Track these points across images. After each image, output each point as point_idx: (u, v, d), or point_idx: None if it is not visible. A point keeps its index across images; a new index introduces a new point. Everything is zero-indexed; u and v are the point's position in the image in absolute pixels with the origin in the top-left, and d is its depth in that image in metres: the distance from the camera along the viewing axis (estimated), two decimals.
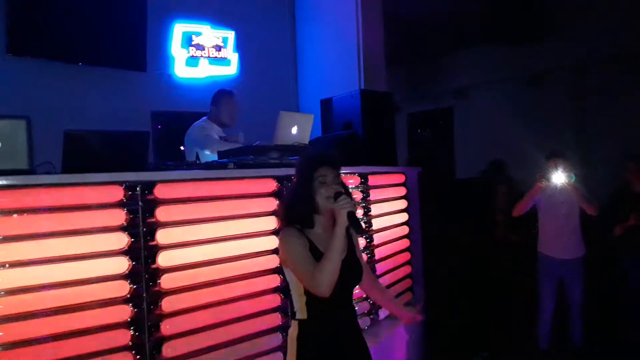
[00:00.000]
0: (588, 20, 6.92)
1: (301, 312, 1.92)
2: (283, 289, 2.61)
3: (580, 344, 3.98)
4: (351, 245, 2.00)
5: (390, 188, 3.69)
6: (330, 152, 2.04)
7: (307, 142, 3.26)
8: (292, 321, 1.96)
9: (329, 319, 1.91)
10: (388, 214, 3.58)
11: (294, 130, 3.09)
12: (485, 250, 5.36)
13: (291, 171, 2.71)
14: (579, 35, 7.05)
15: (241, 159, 2.74)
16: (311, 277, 1.81)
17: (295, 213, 1.94)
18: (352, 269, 1.97)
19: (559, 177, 3.80)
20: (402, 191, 3.83)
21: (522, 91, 7.89)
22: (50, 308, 1.93)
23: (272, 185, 2.64)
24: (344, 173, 2.60)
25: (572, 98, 7.32)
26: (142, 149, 2.31)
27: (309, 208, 1.92)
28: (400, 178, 3.83)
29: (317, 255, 1.86)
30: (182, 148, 3.63)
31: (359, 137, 3.84)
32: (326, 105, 4.56)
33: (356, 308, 2.16)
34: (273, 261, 2.60)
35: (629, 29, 6.47)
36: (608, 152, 6.35)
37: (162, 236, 2.19)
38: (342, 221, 1.82)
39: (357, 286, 2.10)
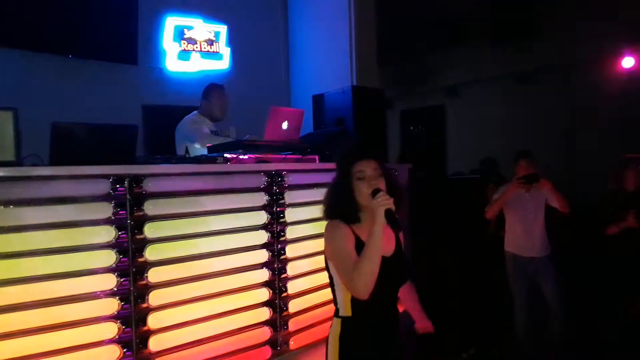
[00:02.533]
0: (579, 19, 6.97)
1: (345, 309, 1.84)
2: (271, 284, 2.62)
3: (559, 341, 4.02)
4: (398, 244, 1.92)
5: None
6: (367, 144, 1.95)
7: (297, 138, 3.26)
8: (335, 319, 1.87)
9: (374, 318, 1.83)
10: None
11: (285, 125, 3.09)
12: (476, 247, 5.39)
13: (281, 166, 2.73)
14: (569, 34, 7.10)
15: (231, 153, 2.73)
16: (349, 277, 1.73)
17: (337, 210, 1.86)
18: (399, 268, 1.88)
19: (529, 178, 3.81)
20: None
21: (513, 89, 7.94)
22: (36, 301, 1.93)
23: (262, 180, 2.63)
24: (328, 170, 2.52)
25: (563, 96, 7.37)
26: (130, 142, 2.30)
27: (350, 205, 1.83)
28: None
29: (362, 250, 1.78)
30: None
31: (350, 133, 3.84)
32: (318, 101, 4.56)
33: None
34: (262, 256, 2.60)
35: (618, 27, 6.52)
36: (598, 151, 6.41)
37: (150, 230, 2.19)
38: (380, 219, 1.73)
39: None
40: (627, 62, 6.80)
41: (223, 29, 5.35)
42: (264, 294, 2.60)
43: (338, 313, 1.87)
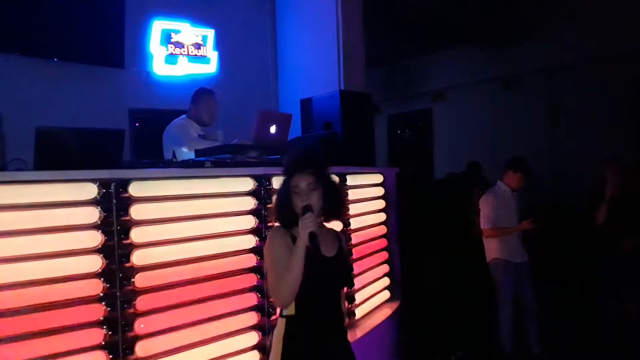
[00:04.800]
0: (564, 24, 7.07)
1: (289, 308, 1.91)
2: (260, 288, 2.61)
3: (538, 348, 4.08)
4: (339, 246, 2.04)
5: (368, 188, 3.71)
6: (306, 154, 1.98)
7: (285, 141, 3.26)
8: (280, 319, 1.95)
9: (316, 317, 1.91)
10: (366, 214, 3.61)
11: (273, 129, 3.09)
12: (463, 250, 5.43)
13: (269, 170, 2.73)
14: (555, 38, 7.21)
15: (219, 157, 2.72)
16: (276, 284, 1.86)
17: (281, 217, 2.00)
18: (340, 268, 2.00)
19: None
20: (380, 191, 3.86)
21: (499, 93, 8.02)
22: (21, 306, 1.90)
23: (249, 184, 2.63)
24: None
25: (548, 100, 7.47)
26: (116, 146, 2.28)
27: (289, 214, 1.95)
28: (379, 178, 3.86)
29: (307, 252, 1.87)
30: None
31: (338, 137, 3.85)
32: (306, 105, 4.57)
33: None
34: (249, 260, 2.59)
35: (605, 32, 6.63)
36: (583, 154, 6.50)
37: (137, 234, 2.17)
38: (304, 238, 1.84)
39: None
40: None
41: (210, 33, 5.34)
42: (252, 298, 2.59)
43: (282, 313, 1.95)
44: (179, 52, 5.14)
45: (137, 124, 3.84)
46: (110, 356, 2.07)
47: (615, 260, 4.03)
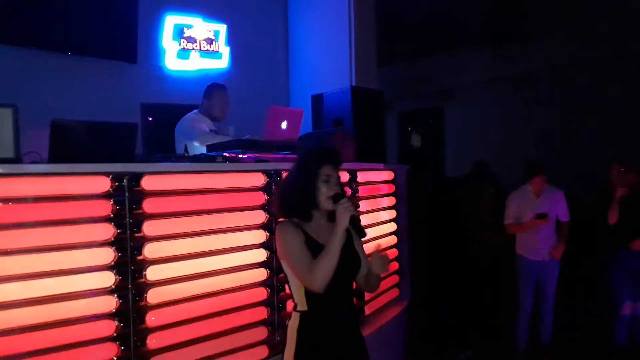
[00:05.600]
0: (575, 23, 6.99)
1: (301, 304, 1.90)
2: (269, 284, 2.63)
3: (548, 342, 4.09)
4: (349, 238, 1.95)
5: (378, 185, 3.70)
6: (334, 150, 2.00)
7: (296, 137, 3.26)
8: (293, 312, 1.94)
9: (330, 311, 1.89)
10: (376, 211, 3.60)
11: (284, 125, 3.10)
12: (472, 250, 5.41)
13: (280, 165, 2.73)
14: (566, 37, 7.13)
15: (230, 152, 2.73)
16: (307, 273, 1.80)
17: (294, 207, 1.92)
18: (351, 261, 1.96)
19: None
20: (391, 188, 3.85)
21: (509, 92, 7.96)
22: (34, 298, 1.93)
23: (260, 179, 2.64)
24: None
25: (559, 99, 7.40)
26: (129, 140, 2.30)
27: (309, 204, 1.90)
28: (389, 175, 3.85)
29: (314, 247, 1.85)
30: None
31: (349, 133, 3.84)
32: (317, 101, 4.56)
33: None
34: (260, 255, 2.60)
35: (615, 31, 6.55)
36: (595, 153, 6.43)
37: (149, 228, 2.19)
38: (343, 223, 1.81)
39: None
40: None
41: (222, 28, 5.35)
42: (262, 293, 2.61)
43: (296, 307, 1.94)
44: (191, 47, 5.15)
45: (150, 119, 3.85)
46: (122, 348, 2.10)
47: (622, 260, 4.02)
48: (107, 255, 2.09)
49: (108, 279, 2.09)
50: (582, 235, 4.47)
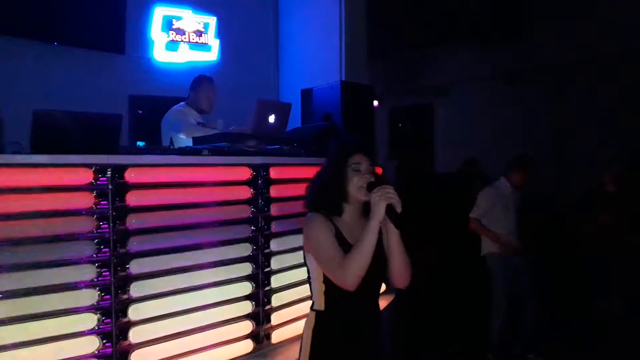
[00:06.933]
0: (568, 20, 7.02)
1: (319, 303, 1.80)
2: (254, 277, 2.61)
3: (521, 349, 4.10)
4: (380, 239, 1.75)
5: None
6: (364, 139, 1.90)
7: (284, 131, 3.25)
8: (310, 311, 1.84)
9: (348, 313, 1.77)
10: None
11: (271, 118, 3.07)
12: (459, 246, 5.43)
13: (267, 159, 2.72)
14: (559, 34, 7.15)
15: (216, 145, 2.71)
16: (338, 267, 1.67)
17: (324, 200, 1.80)
18: (379, 263, 1.76)
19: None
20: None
21: (501, 89, 7.98)
22: (15, 290, 1.90)
23: (246, 173, 2.62)
24: (314, 164, 2.49)
25: (551, 97, 7.43)
26: (114, 131, 2.27)
27: (339, 196, 1.78)
28: (377, 171, 3.84)
29: (343, 244, 1.73)
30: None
31: (337, 128, 3.83)
32: (307, 95, 4.56)
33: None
34: (245, 249, 2.59)
35: (608, 29, 6.58)
36: (586, 152, 6.49)
37: (132, 221, 2.17)
38: (379, 214, 1.66)
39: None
40: None
41: (212, 20, 5.31)
42: (247, 287, 2.59)
43: (313, 306, 1.84)
44: (180, 39, 5.11)
45: (139, 111, 3.82)
46: (104, 342, 2.08)
47: (608, 259, 4.04)
48: (90, 248, 2.07)
49: (90, 272, 2.07)
50: (569, 235, 4.51)
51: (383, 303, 3.73)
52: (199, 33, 5.22)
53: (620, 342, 3.90)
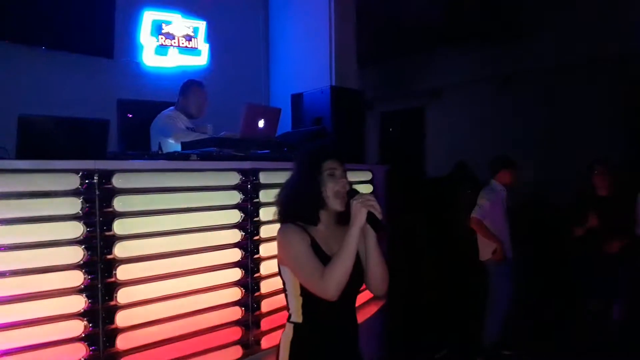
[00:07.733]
0: (561, 23, 7.08)
1: (296, 315, 1.76)
2: (244, 284, 2.60)
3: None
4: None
5: (356, 185, 3.69)
6: (335, 144, 1.89)
7: (274, 136, 3.24)
8: (287, 323, 1.80)
9: (326, 323, 1.75)
10: None
11: (261, 123, 3.07)
12: (451, 249, 5.45)
13: (256, 164, 2.70)
14: (552, 37, 7.20)
15: (205, 150, 2.70)
16: (318, 278, 1.63)
17: (299, 210, 1.75)
18: (357, 270, 1.73)
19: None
20: (369, 189, 3.84)
21: (494, 92, 8.02)
22: (1, 296, 1.88)
23: (235, 178, 2.61)
24: None
25: (544, 100, 7.47)
26: (101, 137, 2.25)
27: (316, 203, 1.74)
28: (367, 175, 3.84)
29: (320, 254, 1.69)
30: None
31: (328, 133, 3.84)
32: (297, 100, 4.55)
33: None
34: (234, 255, 2.57)
35: (602, 31, 6.64)
36: (578, 154, 6.52)
37: (119, 226, 2.15)
38: (360, 220, 1.64)
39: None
40: None
41: (202, 25, 5.30)
42: (236, 293, 2.58)
43: (290, 318, 1.80)
44: (170, 44, 5.09)
45: (129, 115, 3.79)
46: (91, 348, 2.06)
47: (593, 261, 4.07)
48: (77, 253, 2.05)
49: (77, 277, 2.04)
50: (559, 237, 4.54)
51: (374, 307, 3.74)
52: (188, 37, 5.21)
53: (595, 340, 3.96)
